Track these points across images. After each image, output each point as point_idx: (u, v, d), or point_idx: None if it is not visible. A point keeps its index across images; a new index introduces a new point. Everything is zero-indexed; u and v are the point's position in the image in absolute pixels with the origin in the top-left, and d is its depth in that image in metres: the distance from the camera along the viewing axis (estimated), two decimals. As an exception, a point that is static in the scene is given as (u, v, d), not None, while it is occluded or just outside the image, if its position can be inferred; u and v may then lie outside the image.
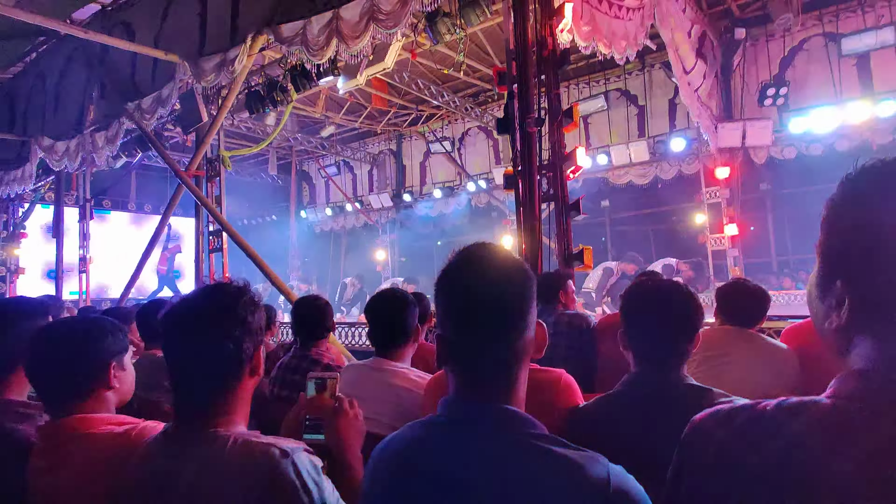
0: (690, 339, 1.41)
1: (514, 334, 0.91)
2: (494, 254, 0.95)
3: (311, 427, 1.38)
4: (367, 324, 2.08)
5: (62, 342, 1.32)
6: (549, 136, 3.81)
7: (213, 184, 6.91)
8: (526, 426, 0.88)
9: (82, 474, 1.24)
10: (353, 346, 5.07)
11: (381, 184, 13.68)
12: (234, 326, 1.10)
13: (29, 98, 8.34)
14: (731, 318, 2.23)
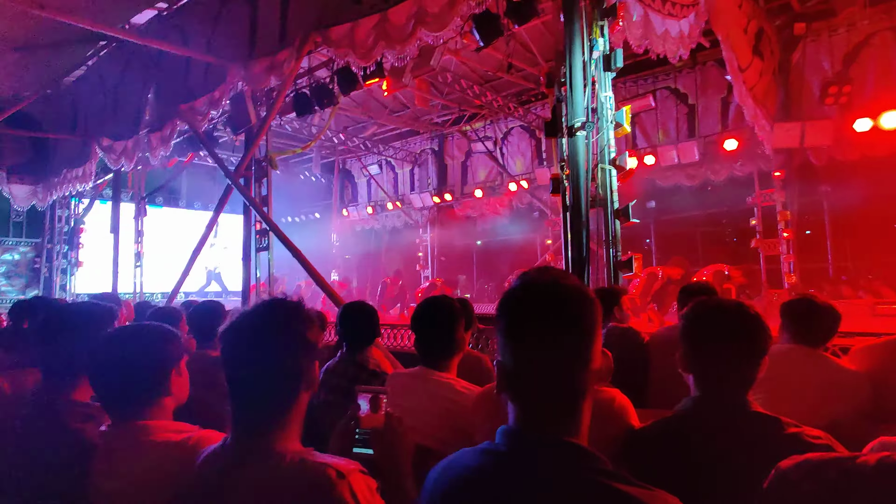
0: (758, 365, 1.34)
1: (579, 365, 0.88)
2: (559, 280, 0.91)
3: (361, 441, 1.37)
4: (413, 333, 2.07)
5: (126, 352, 1.35)
6: (599, 140, 3.71)
7: (260, 184, 7.08)
8: (591, 462, 0.85)
9: (141, 481, 1.27)
10: (394, 348, 5.09)
11: (422, 183, 13.73)
12: (293, 343, 1.10)
13: (90, 100, 8.77)
14: (798, 338, 2.11)
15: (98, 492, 1.31)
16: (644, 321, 6.26)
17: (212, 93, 6.24)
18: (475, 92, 9.94)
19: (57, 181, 10.04)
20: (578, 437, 0.88)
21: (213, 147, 7.60)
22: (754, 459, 1.15)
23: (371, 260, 14.99)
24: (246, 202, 6.72)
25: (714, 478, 1.23)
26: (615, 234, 3.69)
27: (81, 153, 9.13)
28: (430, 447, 1.82)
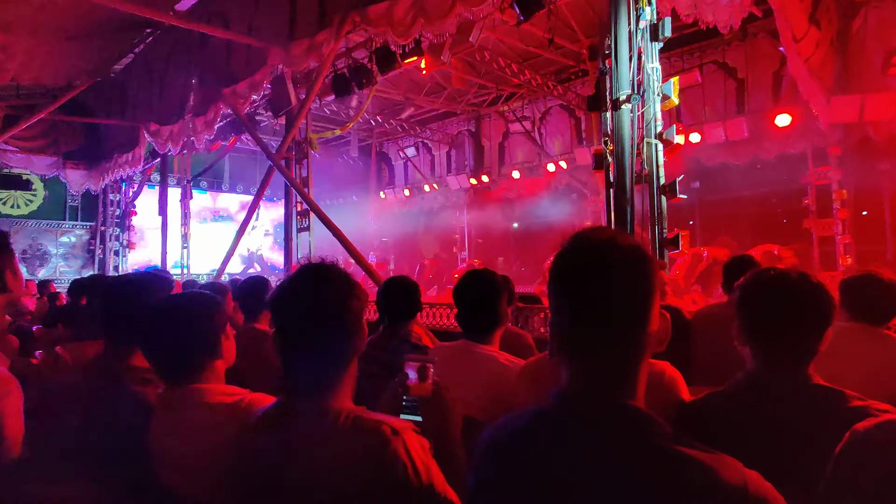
0: (821, 336, 1.27)
1: (636, 326, 0.85)
2: (614, 238, 0.88)
3: (408, 409, 1.38)
4: (455, 305, 2.07)
5: (176, 318, 1.39)
6: (645, 113, 3.59)
7: (300, 165, 7.19)
8: (649, 424, 0.82)
9: (197, 440, 1.32)
10: (432, 326, 5.13)
11: (458, 165, 13.66)
12: (342, 306, 1.12)
13: (138, 87, 9.06)
14: (859, 315, 2.00)
15: (157, 450, 1.37)
16: (688, 303, 6.08)
17: (253, 76, 6.34)
18: (513, 70, 9.76)
19: (108, 166, 10.46)
20: (635, 399, 0.85)
21: (255, 130, 7.74)
22: (818, 432, 1.10)
23: (408, 242, 15.08)
24: (287, 183, 6.84)
25: (773, 452, 1.18)
26: (661, 210, 3.58)
27: (130, 138, 9.47)
28: (474, 417, 1.83)
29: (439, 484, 1.05)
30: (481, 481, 0.95)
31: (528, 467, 0.86)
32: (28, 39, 6.89)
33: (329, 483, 1.02)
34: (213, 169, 13.36)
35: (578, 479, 0.80)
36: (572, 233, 0.92)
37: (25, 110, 8.92)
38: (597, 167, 3.77)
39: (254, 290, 2.87)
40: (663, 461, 0.76)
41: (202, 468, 1.30)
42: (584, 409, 0.84)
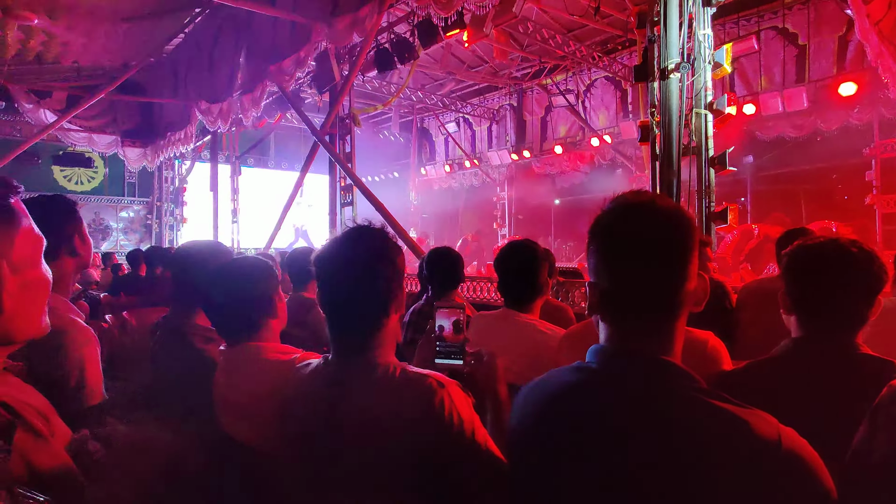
0: (871, 304, 1.24)
1: (673, 282, 0.86)
2: (654, 199, 0.90)
3: (442, 353, 1.38)
4: (497, 274, 2.11)
5: (238, 280, 1.49)
6: (694, 82, 3.46)
7: (344, 141, 7.30)
8: (685, 379, 0.85)
9: (256, 393, 1.42)
10: (473, 300, 5.19)
11: (500, 140, 13.53)
12: (385, 266, 1.16)
13: (188, 66, 9.33)
14: (917, 288, 1.92)
15: (220, 402, 1.49)
16: (735, 280, 5.91)
17: (297, 52, 6.43)
18: (557, 42, 9.53)
19: (162, 143, 10.89)
20: (671, 356, 0.87)
21: (300, 106, 7.88)
22: (861, 401, 1.09)
23: (448, 218, 15.14)
24: (331, 158, 6.97)
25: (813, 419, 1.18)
26: (709, 183, 3.48)
27: (183, 116, 9.81)
28: (513, 383, 1.87)
29: (481, 435, 1.10)
30: (521, 434, 1.00)
31: (566, 420, 0.90)
32: (87, 22, 7.20)
33: (378, 431, 1.09)
34: (260, 146, 13.70)
35: (615, 431, 0.84)
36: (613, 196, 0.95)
37: (86, 91, 9.34)
38: (642, 139, 3.68)
39: (301, 260, 2.99)
40: (696, 413, 0.79)
41: (260, 419, 1.40)
42: (622, 363, 0.87)
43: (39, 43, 7.60)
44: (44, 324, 0.74)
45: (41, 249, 0.71)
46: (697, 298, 0.90)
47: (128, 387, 1.95)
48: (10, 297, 0.64)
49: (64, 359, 1.32)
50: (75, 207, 1.49)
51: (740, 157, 9.53)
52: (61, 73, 9.23)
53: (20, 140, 10.09)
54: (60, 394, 1.33)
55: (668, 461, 0.78)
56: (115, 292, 5.34)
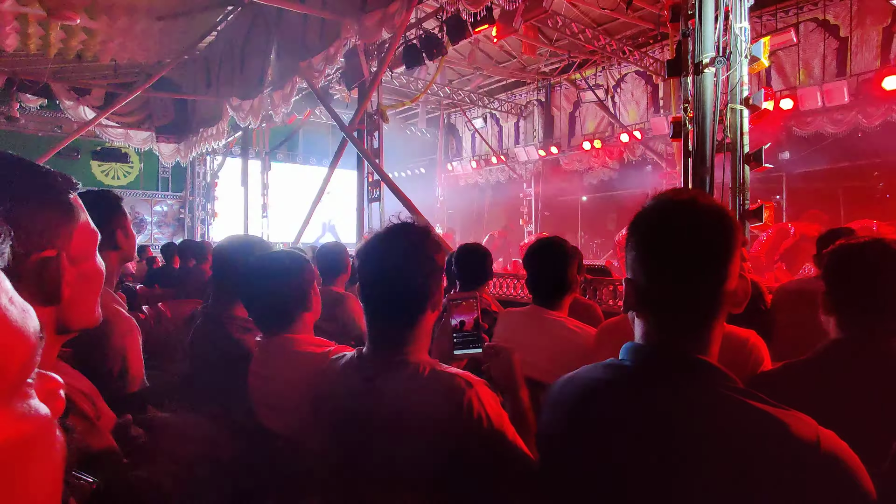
0: (917, 307, 1.20)
1: (713, 282, 0.85)
2: (696, 197, 0.89)
3: (460, 343, 1.38)
4: (525, 270, 2.10)
5: (274, 273, 1.52)
6: (730, 77, 3.38)
7: (372, 137, 7.35)
8: (721, 378, 0.84)
9: (290, 383, 1.45)
10: (499, 296, 5.18)
11: (527, 136, 13.44)
12: (423, 263, 1.18)
13: (221, 63, 9.51)
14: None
15: (255, 390, 1.52)
16: (770, 280, 5.76)
17: (327, 49, 6.49)
18: (587, 36, 9.39)
19: (195, 139, 11.14)
20: (708, 356, 0.86)
21: (329, 102, 7.96)
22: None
23: (474, 214, 15.12)
24: (360, 154, 7.03)
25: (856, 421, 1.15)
26: (743, 180, 3.39)
27: (214, 113, 10.01)
28: (540, 380, 1.87)
29: (510, 433, 1.10)
30: (552, 431, 1.00)
31: (599, 418, 0.90)
32: (124, 21, 7.40)
33: (406, 428, 1.10)
34: (289, 142, 13.90)
35: (649, 429, 0.83)
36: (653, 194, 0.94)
37: (123, 88, 9.62)
38: (675, 136, 3.61)
39: (330, 255, 3.03)
40: (733, 413, 0.78)
41: (292, 409, 1.43)
42: (657, 361, 0.86)
43: (80, 42, 7.85)
44: (97, 314, 0.77)
45: (96, 243, 0.75)
46: (738, 299, 0.89)
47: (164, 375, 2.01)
48: (69, 287, 0.68)
49: (108, 347, 1.37)
50: (120, 203, 1.54)
51: (776, 154, 9.25)
52: (100, 70, 9.52)
53: (61, 136, 10.45)
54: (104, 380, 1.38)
55: (704, 462, 0.78)
56: (150, 284, 5.51)
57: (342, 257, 3.00)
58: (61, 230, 0.67)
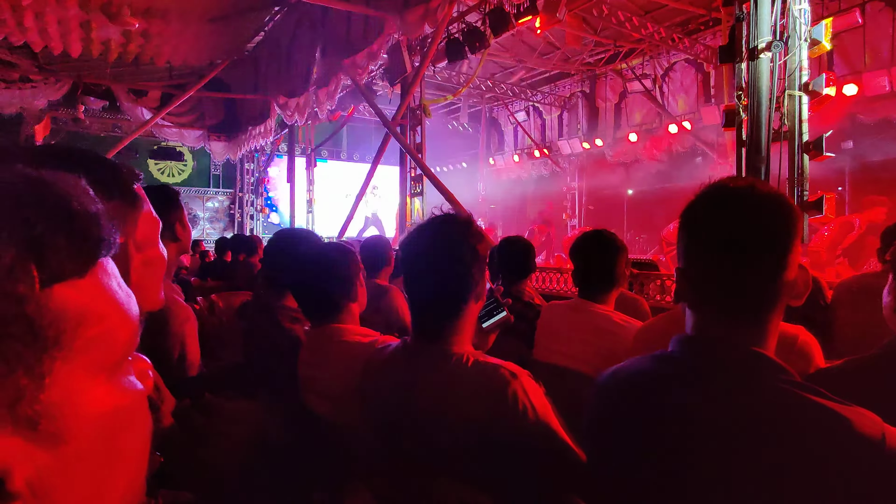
0: None
1: (771, 271, 0.82)
2: (754, 184, 0.86)
3: (484, 316, 1.33)
4: (572, 263, 2.07)
5: (322, 265, 1.56)
6: (788, 62, 3.21)
7: (414, 132, 7.40)
8: (778, 372, 0.80)
9: (337, 372, 1.49)
10: (542, 290, 5.14)
11: (571, 128, 13.21)
12: (466, 254, 1.18)
13: (268, 62, 9.77)
14: None
15: (304, 378, 1.57)
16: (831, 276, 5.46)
17: (371, 46, 6.57)
18: (633, 25, 9.12)
19: (244, 137, 11.50)
20: (765, 349, 0.83)
21: (372, 98, 8.06)
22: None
23: (516, 208, 15.00)
24: (402, 149, 7.09)
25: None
26: (802, 170, 3.22)
27: (262, 111, 10.30)
28: (584, 372, 1.85)
29: (554, 424, 1.10)
30: (599, 421, 0.99)
31: (648, 411, 0.88)
32: (178, 24, 7.71)
33: (450, 419, 1.11)
34: (333, 138, 14.16)
35: (701, 424, 0.81)
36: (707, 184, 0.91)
37: (177, 89, 10.03)
38: (727, 125, 3.47)
39: (375, 248, 3.08)
40: (792, 408, 0.75)
41: (340, 397, 1.47)
42: (710, 353, 0.84)
43: (137, 46, 8.23)
44: (161, 297, 0.81)
45: (158, 230, 0.79)
46: (797, 291, 0.85)
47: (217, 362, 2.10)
48: (135, 271, 0.72)
49: (168, 334, 1.44)
50: (178, 197, 1.61)
51: (839, 143, 8.74)
52: (156, 73, 9.95)
53: (121, 136, 11.01)
54: (164, 366, 1.45)
55: (760, 457, 0.75)
56: (203, 277, 5.75)
57: (386, 250, 3.04)
58: (127, 218, 0.71)
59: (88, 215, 0.34)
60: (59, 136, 11.37)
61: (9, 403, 0.28)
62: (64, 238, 0.32)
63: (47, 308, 0.30)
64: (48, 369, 0.30)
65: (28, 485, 0.29)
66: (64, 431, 0.31)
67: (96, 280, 0.34)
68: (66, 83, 9.02)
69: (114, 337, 0.35)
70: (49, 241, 0.31)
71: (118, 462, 0.36)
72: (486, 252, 1.25)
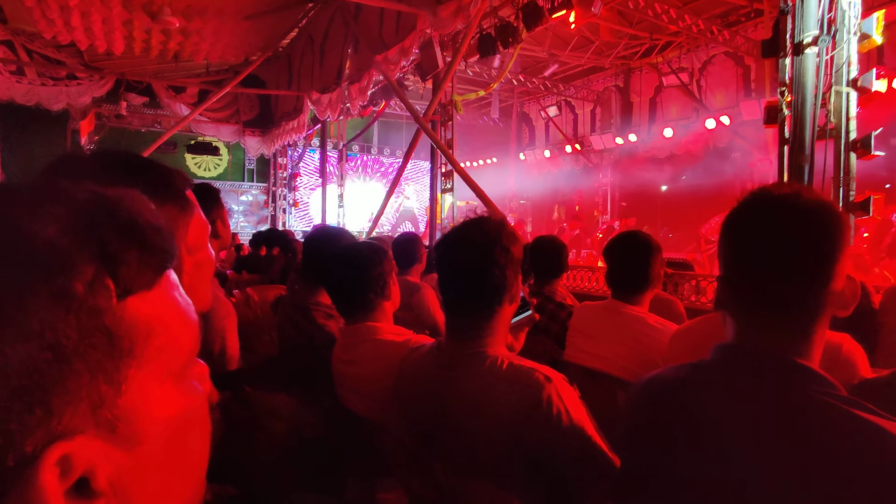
0: None
1: (816, 282, 0.80)
2: (800, 192, 0.83)
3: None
4: (606, 263, 2.05)
5: (355, 263, 1.58)
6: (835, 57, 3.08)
7: (445, 128, 7.40)
8: (822, 385, 0.78)
9: (371, 369, 1.51)
10: (572, 288, 5.09)
11: (604, 123, 13.00)
12: (500, 255, 1.18)
13: (301, 58, 9.91)
14: None
15: (338, 374, 1.60)
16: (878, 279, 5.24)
17: (403, 42, 6.58)
18: (671, 17, 8.89)
19: (278, 132, 11.70)
20: (809, 360, 0.81)
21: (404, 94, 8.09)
22: None
23: (546, 204, 14.86)
24: (433, 144, 7.11)
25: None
26: (848, 169, 3.10)
27: (296, 107, 10.46)
28: (617, 376, 1.83)
29: (589, 429, 1.09)
30: (634, 428, 0.98)
31: (685, 417, 0.87)
32: (215, 22, 7.88)
33: (483, 422, 1.12)
34: (364, 134, 14.28)
35: (741, 438, 0.79)
36: (744, 190, 0.89)
37: (214, 85, 10.26)
38: (769, 122, 3.35)
39: (406, 246, 3.10)
40: (836, 423, 0.73)
41: (374, 394, 1.50)
42: (751, 364, 0.82)
43: (177, 43, 8.45)
44: (209, 299, 0.84)
45: (207, 233, 0.82)
46: (844, 301, 0.83)
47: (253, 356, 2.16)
48: (187, 275, 0.74)
49: (210, 329, 1.49)
50: (219, 195, 1.66)
51: (888, 140, 8.35)
52: (194, 70, 10.21)
53: (161, 131, 11.33)
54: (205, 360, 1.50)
55: (802, 474, 0.73)
56: (238, 270, 5.89)
57: (417, 248, 3.06)
58: (179, 223, 0.74)
59: (155, 230, 0.36)
60: (103, 132, 11.79)
61: (92, 408, 0.31)
62: (135, 253, 0.34)
63: (122, 319, 0.32)
64: (124, 376, 0.32)
65: (110, 483, 0.32)
66: (139, 434, 0.33)
67: (162, 291, 0.36)
68: (109, 80, 9.33)
69: (179, 344, 0.37)
70: (122, 257, 0.33)
71: (186, 460, 0.38)
72: (521, 254, 1.25)
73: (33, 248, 0.29)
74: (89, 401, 0.30)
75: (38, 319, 0.28)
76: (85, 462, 0.30)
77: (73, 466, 0.29)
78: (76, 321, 0.30)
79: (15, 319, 0.28)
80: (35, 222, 0.30)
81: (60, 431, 0.29)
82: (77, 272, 0.30)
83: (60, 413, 0.29)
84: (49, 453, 0.28)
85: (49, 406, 0.29)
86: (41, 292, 0.29)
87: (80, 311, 0.30)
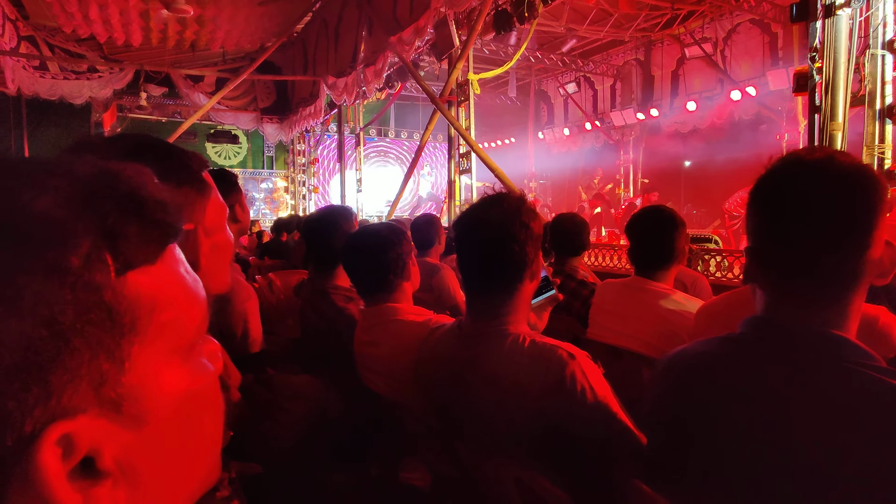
0: None
1: (850, 248, 0.76)
2: (833, 155, 0.79)
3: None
4: (628, 240, 2.01)
5: (374, 244, 1.58)
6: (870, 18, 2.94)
7: (462, 107, 7.32)
8: (860, 356, 0.75)
9: (393, 350, 1.51)
10: (594, 267, 5.03)
11: (624, 98, 12.70)
12: (520, 233, 1.16)
13: (316, 43, 9.86)
14: None
15: (359, 356, 1.61)
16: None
17: (417, 21, 6.49)
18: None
19: (295, 118, 11.72)
20: (846, 332, 0.78)
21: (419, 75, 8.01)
22: None
23: (566, 183, 14.67)
24: (449, 125, 7.04)
25: None
26: (883, 137, 2.97)
27: (312, 92, 10.45)
28: (641, 353, 1.80)
29: (613, 405, 1.07)
30: (661, 402, 0.96)
31: (718, 391, 0.85)
32: (230, 9, 7.88)
33: (506, 400, 1.11)
34: (381, 117, 14.23)
35: (774, 412, 0.77)
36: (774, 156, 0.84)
37: (231, 73, 10.30)
38: (798, 90, 3.22)
39: (424, 227, 3.09)
40: (877, 396, 0.69)
41: (396, 374, 1.50)
42: (783, 335, 0.79)
43: (193, 32, 8.49)
44: (228, 280, 0.84)
45: (225, 216, 0.82)
46: (883, 269, 0.78)
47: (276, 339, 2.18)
48: (205, 256, 0.74)
49: (232, 312, 1.51)
50: (236, 180, 1.66)
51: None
52: (210, 59, 10.26)
53: (180, 121, 11.45)
54: (228, 342, 1.52)
55: (840, 449, 0.70)
56: (260, 256, 5.98)
57: (435, 229, 3.05)
58: (197, 205, 0.74)
59: (157, 203, 0.34)
60: (125, 123, 11.96)
61: (94, 387, 0.30)
62: (135, 227, 0.32)
63: (122, 295, 0.31)
64: (127, 354, 0.31)
65: (117, 463, 0.31)
66: (145, 412, 0.32)
67: (166, 266, 0.35)
68: (129, 72, 9.44)
69: (185, 321, 0.36)
70: (121, 231, 0.31)
71: (196, 440, 0.37)
72: (540, 230, 1.23)
73: (25, 220, 0.28)
74: (90, 379, 0.29)
75: (30, 294, 0.27)
76: (88, 441, 0.29)
77: (76, 446, 0.29)
78: (72, 296, 0.28)
79: (5, 294, 0.27)
80: (28, 192, 0.29)
81: (60, 410, 0.28)
82: (72, 245, 0.29)
83: (60, 391, 0.28)
84: (49, 432, 0.27)
85: (47, 384, 0.27)
86: (34, 266, 0.27)
87: (76, 286, 0.28)
